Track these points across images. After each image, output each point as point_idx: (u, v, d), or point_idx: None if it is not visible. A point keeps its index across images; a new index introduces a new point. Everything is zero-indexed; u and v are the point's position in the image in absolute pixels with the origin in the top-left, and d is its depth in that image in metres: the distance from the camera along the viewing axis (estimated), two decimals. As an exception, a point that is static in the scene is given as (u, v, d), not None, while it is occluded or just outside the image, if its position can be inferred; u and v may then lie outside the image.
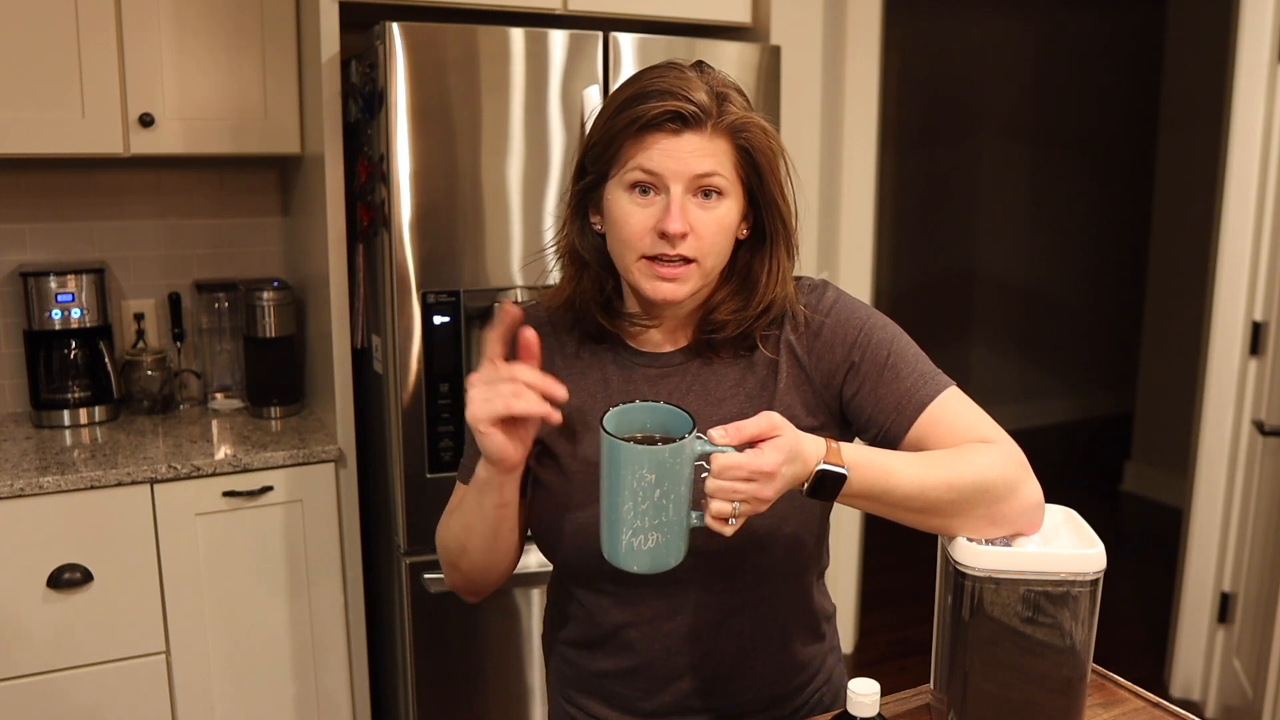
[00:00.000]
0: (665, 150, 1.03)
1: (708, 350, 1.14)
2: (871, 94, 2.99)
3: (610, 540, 0.94)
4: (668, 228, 1.03)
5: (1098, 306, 5.68)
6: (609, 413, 0.95)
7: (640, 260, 1.06)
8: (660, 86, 1.03)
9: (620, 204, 1.06)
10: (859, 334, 1.12)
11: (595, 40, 2.04)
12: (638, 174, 1.04)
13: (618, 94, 1.07)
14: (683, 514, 0.93)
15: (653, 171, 1.04)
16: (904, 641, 3.34)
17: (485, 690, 2.16)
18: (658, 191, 1.05)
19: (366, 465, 2.26)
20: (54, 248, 2.42)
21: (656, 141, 1.03)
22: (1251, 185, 2.66)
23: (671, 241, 1.04)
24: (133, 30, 2.12)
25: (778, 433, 0.93)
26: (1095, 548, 1.00)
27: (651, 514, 0.91)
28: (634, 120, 1.03)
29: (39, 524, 1.94)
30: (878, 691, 0.95)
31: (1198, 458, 2.85)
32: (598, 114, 1.08)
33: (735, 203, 1.07)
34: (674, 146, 1.03)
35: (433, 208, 1.96)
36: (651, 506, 0.91)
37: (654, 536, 0.92)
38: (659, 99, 1.02)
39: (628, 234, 1.06)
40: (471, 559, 1.16)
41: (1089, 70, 5.40)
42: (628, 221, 1.05)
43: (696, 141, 1.04)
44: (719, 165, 1.05)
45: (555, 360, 1.17)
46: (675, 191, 1.04)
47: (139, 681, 2.05)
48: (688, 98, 1.02)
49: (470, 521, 1.13)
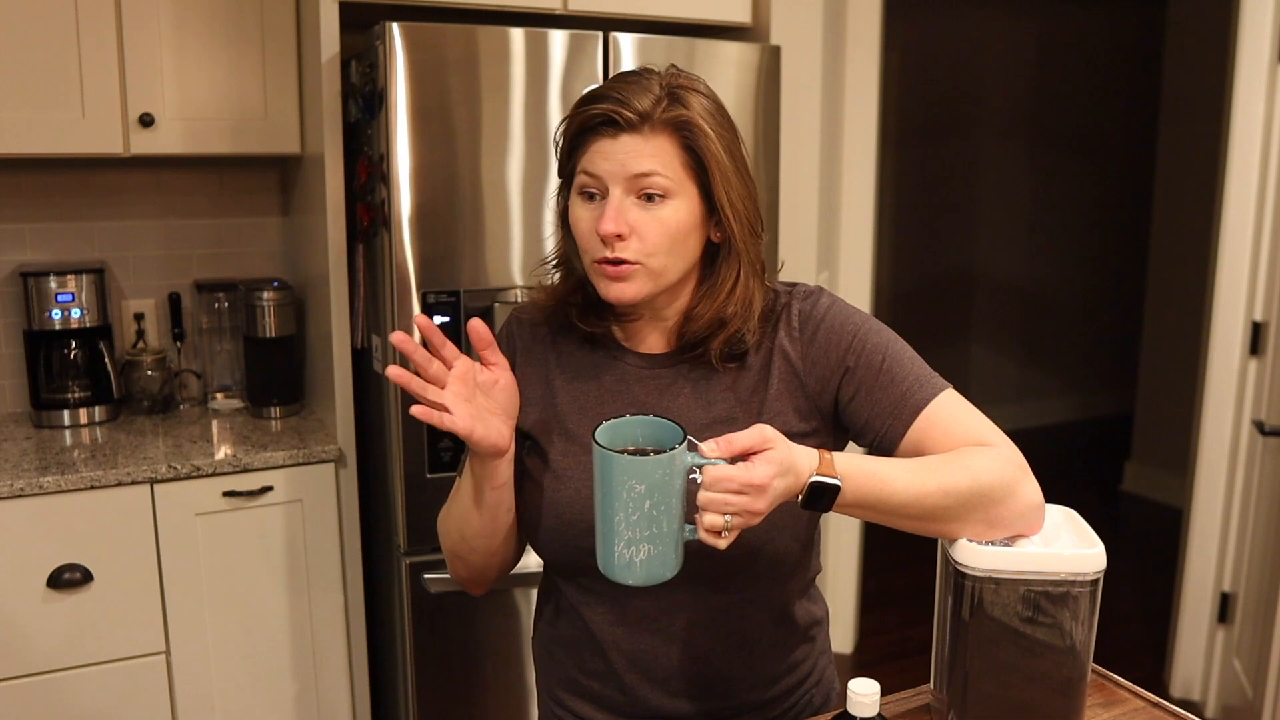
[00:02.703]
0: (603, 152, 1.05)
1: (692, 352, 1.14)
2: (871, 94, 2.99)
3: (604, 553, 0.95)
4: (600, 229, 1.04)
5: (1098, 306, 5.68)
6: (601, 426, 0.95)
7: (593, 263, 1.08)
8: (600, 92, 1.06)
9: (574, 209, 1.09)
10: (853, 339, 1.11)
11: (595, 40, 2.04)
12: (583, 178, 1.07)
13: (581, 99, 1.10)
14: (675, 526, 0.93)
15: (593, 174, 1.06)
16: (904, 641, 3.34)
17: (485, 690, 2.16)
18: (603, 195, 1.06)
19: (366, 465, 2.26)
20: (54, 248, 2.42)
21: (596, 145, 1.05)
22: (1251, 185, 2.66)
23: (609, 244, 1.05)
24: (133, 30, 2.12)
25: (769, 445, 0.92)
26: (1095, 548, 1.00)
27: (643, 525, 0.92)
28: (572, 127, 1.07)
29: (39, 524, 1.94)
30: (878, 691, 0.95)
31: (1198, 458, 2.85)
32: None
33: (686, 202, 1.06)
34: (611, 149, 1.04)
35: (433, 208, 1.96)
36: (643, 518, 0.92)
37: (646, 548, 0.93)
38: (596, 103, 1.05)
39: (579, 238, 1.09)
40: (472, 545, 1.18)
41: (1089, 70, 5.40)
42: (577, 225, 1.08)
43: (633, 143, 1.04)
44: (660, 165, 1.04)
45: (549, 359, 1.19)
46: (614, 193, 1.05)
47: (139, 681, 2.05)
48: (621, 100, 1.04)
49: (467, 505, 1.16)
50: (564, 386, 1.17)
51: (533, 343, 1.20)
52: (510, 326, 1.23)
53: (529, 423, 1.17)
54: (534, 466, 1.16)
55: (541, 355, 1.19)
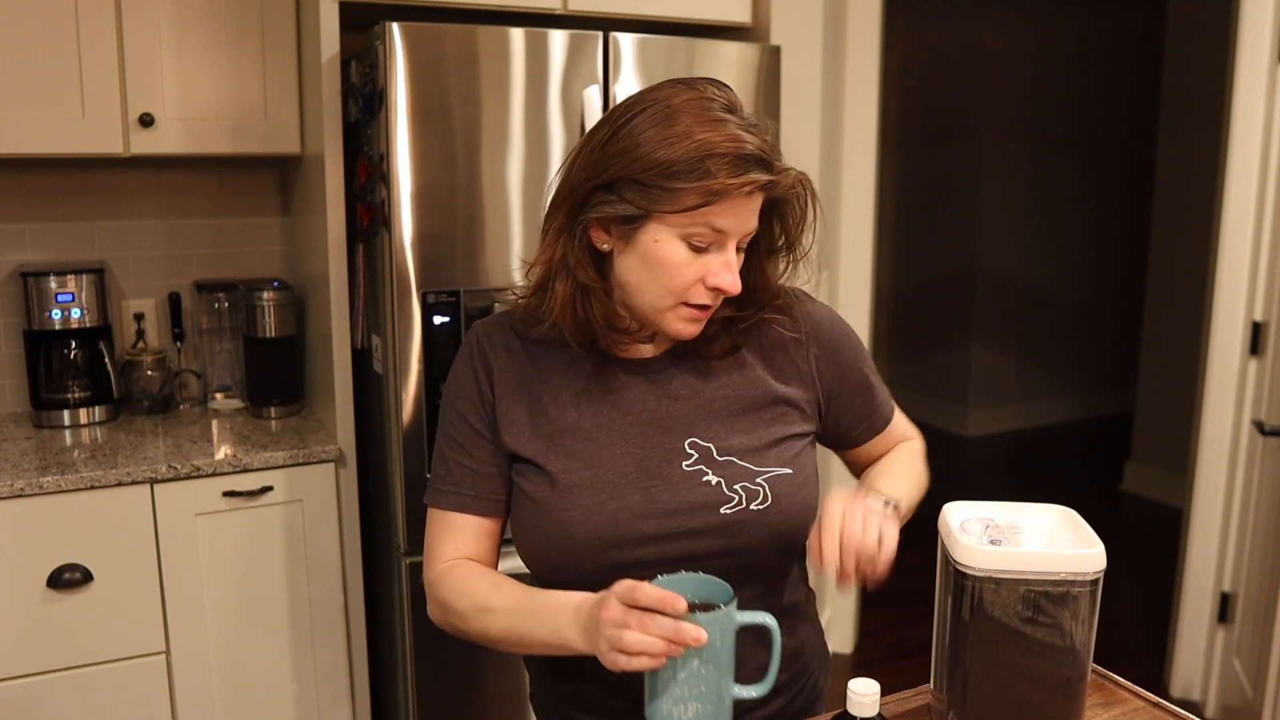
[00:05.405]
0: (736, 213, 1.03)
1: (693, 354, 1.15)
2: (871, 94, 2.99)
3: (652, 707, 0.97)
4: (726, 286, 1.05)
5: (1098, 306, 5.68)
6: (654, 581, 0.96)
7: (680, 305, 1.06)
8: (751, 151, 1.01)
9: (674, 252, 1.04)
10: (846, 349, 1.22)
11: (595, 40, 2.04)
12: (705, 231, 1.03)
13: (691, 134, 1.00)
14: (721, 684, 0.95)
15: (721, 230, 1.03)
16: (904, 641, 3.34)
17: (485, 690, 2.16)
18: (711, 245, 1.04)
19: (366, 465, 2.26)
20: (54, 248, 2.42)
21: (731, 204, 1.02)
22: (1251, 185, 2.66)
23: (718, 294, 1.06)
24: (133, 30, 2.12)
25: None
26: (1095, 548, 1.00)
27: (691, 683, 0.94)
28: (727, 189, 1.00)
29: (39, 524, 1.94)
30: (878, 691, 0.95)
31: (1198, 458, 2.85)
32: (651, 142, 1.01)
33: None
34: (743, 208, 1.03)
35: (433, 208, 1.96)
36: (691, 675, 0.93)
37: (693, 706, 0.95)
38: (755, 167, 1.01)
39: (678, 283, 1.05)
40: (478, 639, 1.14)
41: (1089, 70, 5.40)
42: (680, 271, 1.04)
43: (758, 202, 1.05)
44: (759, 213, 1.07)
45: (530, 375, 1.15)
46: (731, 249, 1.05)
47: (139, 681, 2.05)
48: (768, 160, 1.03)
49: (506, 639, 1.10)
50: (556, 402, 1.14)
51: (509, 360, 1.16)
52: (481, 344, 1.17)
53: (520, 445, 1.14)
54: (534, 490, 1.13)
55: (520, 372, 1.15)
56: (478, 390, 1.16)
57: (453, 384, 1.19)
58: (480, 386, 1.16)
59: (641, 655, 0.92)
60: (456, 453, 1.17)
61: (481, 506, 1.16)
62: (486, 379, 1.16)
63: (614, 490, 1.11)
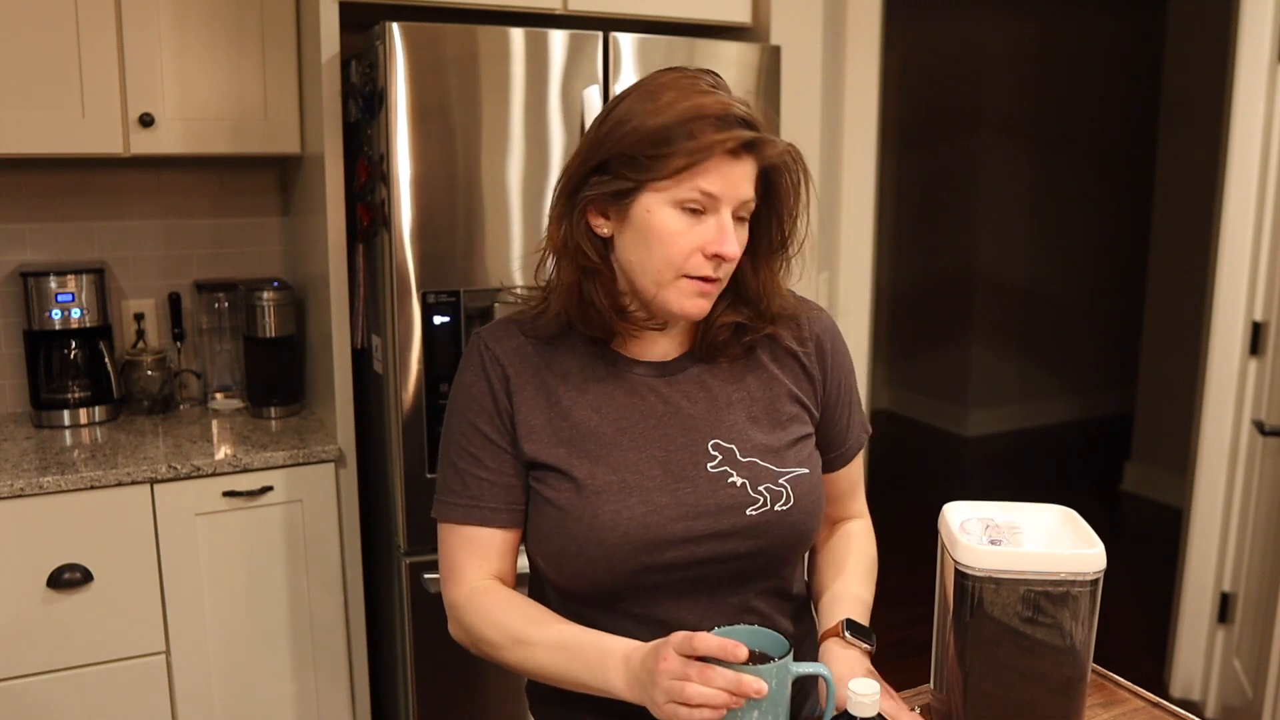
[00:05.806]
0: (724, 175, 1.03)
1: (708, 355, 1.15)
2: (871, 94, 2.98)
3: None
4: (725, 252, 1.04)
5: (1098, 306, 5.68)
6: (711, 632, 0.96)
7: (681, 278, 1.06)
8: (738, 113, 1.03)
9: (667, 219, 1.04)
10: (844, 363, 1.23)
11: (595, 40, 2.04)
12: (695, 194, 1.03)
13: (675, 104, 1.03)
14: None
15: (712, 194, 1.04)
16: (904, 641, 3.33)
17: (485, 690, 2.16)
18: (706, 213, 1.05)
19: (366, 465, 2.26)
20: (54, 248, 2.42)
21: (717, 165, 1.03)
22: (1251, 185, 2.66)
23: (718, 263, 1.06)
24: (133, 30, 2.12)
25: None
26: (1095, 548, 1.00)
27: None
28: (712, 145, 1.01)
29: (39, 524, 1.94)
30: (878, 691, 0.95)
31: (1198, 458, 2.85)
32: (639, 115, 1.04)
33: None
34: (731, 172, 1.04)
35: (433, 207, 1.96)
36: None
37: None
38: (739, 126, 1.03)
39: (674, 252, 1.05)
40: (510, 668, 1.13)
41: (1089, 70, 5.40)
42: (676, 240, 1.04)
43: (748, 168, 1.05)
44: (754, 190, 1.07)
45: (547, 379, 1.14)
46: (725, 215, 1.05)
47: (139, 681, 2.05)
48: (755, 125, 1.04)
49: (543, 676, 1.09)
50: (575, 406, 1.12)
51: (523, 366, 1.14)
52: (492, 352, 1.15)
53: (540, 452, 1.12)
54: (557, 496, 1.11)
55: (536, 377, 1.13)
56: (492, 400, 1.13)
57: (462, 394, 1.15)
58: (495, 396, 1.13)
59: (703, 708, 0.91)
60: (471, 465, 1.13)
61: (502, 519, 1.14)
62: (503, 387, 1.13)
63: (642, 494, 1.09)
